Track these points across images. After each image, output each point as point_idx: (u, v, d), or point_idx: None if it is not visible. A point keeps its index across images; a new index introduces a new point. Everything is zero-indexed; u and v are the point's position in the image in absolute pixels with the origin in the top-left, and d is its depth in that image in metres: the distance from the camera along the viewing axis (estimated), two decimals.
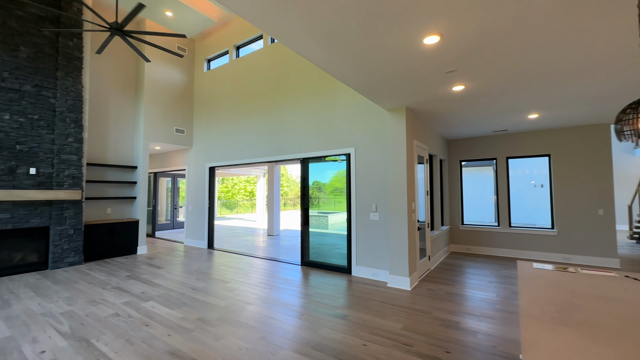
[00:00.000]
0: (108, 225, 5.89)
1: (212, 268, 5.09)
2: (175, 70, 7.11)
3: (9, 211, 4.63)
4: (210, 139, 7.06)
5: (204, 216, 7.05)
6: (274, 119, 5.84)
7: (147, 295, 3.69)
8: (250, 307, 3.32)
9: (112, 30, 3.87)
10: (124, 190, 6.50)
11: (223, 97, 6.83)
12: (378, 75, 2.98)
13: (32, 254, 4.94)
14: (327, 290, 3.92)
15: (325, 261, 5.09)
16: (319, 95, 5.19)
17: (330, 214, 5.74)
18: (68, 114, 5.22)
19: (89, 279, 4.44)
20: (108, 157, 6.26)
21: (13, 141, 4.68)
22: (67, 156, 5.19)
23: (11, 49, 4.70)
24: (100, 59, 6.13)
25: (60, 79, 5.16)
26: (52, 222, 5.04)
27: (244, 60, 6.50)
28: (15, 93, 4.71)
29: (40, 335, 2.66)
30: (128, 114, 6.57)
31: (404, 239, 3.97)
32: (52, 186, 5.03)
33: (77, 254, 5.29)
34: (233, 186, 25.21)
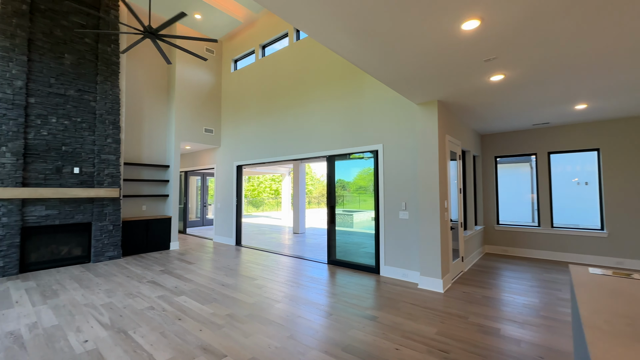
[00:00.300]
0: (143, 222, 6.18)
1: (240, 265, 5.17)
2: (203, 71, 7.31)
3: (56, 208, 4.98)
4: (237, 138, 7.19)
5: (231, 214, 7.20)
6: (299, 117, 5.82)
7: (180, 290, 3.80)
8: (278, 305, 3.31)
9: (146, 34, 4.02)
10: (158, 189, 6.79)
11: (249, 97, 6.93)
12: (409, 67, 2.84)
13: (77, 248, 5.29)
14: (355, 290, 3.83)
15: (352, 260, 5.00)
16: (344, 91, 5.10)
17: (355, 213, 5.64)
18: (107, 116, 5.52)
19: (126, 272, 4.67)
20: (143, 156, 6.56)
21: (59, 143, 5.02)
22: (106, 156, 5.50)
23: (57, 56, 5.04)
24: (134, 63, 6.43)
25: (99, 83, 5.46)
26: (94, 218, 5.36)
27: (269, 59, 6.54)
28: (60, 98, 5.05)
29: (83, 325, 2.82)
30: (160, 115, 6.85)
31: (436, 239, 3.79)
32: (93, 184, 5.35)
33: (116, 248, 5.60)
34: (259, 184, 25.73)
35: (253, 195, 24.82)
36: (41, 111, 4.84)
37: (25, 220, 4.68)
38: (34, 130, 4.77)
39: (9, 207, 4.51)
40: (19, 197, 4.50)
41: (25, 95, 4.68)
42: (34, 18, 4.84)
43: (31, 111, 4.76)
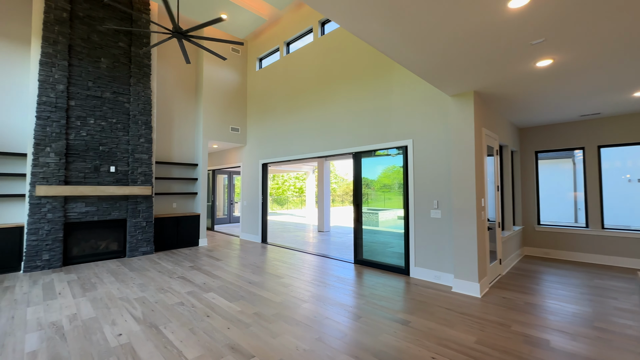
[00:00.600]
0: (174, 219, 6.37)
1: (266, 262, 5.17)
2: (229, 71, 7.41)
3: (94, 205, 5.24)
4: (262, 136, 7.23)
5: (257, 211, 7.26)
6: (324, 113, 5.72)
7: (208, 287, 3.85)
8: (305, 305, 3.24)
9: (174, 34, 4.09)
10: (187, 186, 6.98)
11: (274, 95, 6.92)
12: (446, 55, 2.64)
13: (114, 243, 5.54)
14: (384, 291, 3.67)
15: (380, 260, 4.83)
16: (371, 85, 4.92)
17: (381, 211, 5.47)
18: (140, 117, 5.74)
19: (158, 267, 4.82)
20: (173, 155, 6.77)
21: (97, 143, 5.27)
22: (139, 155, 5.71)
23: (94, 60, 5.29)
24: (165, 65, 6.64)
25: (133, 85, 5.68)
26: (129, 215, 5.59)
27: (293, 56, 6.48)
28: (97, 100, 5.30)
29: (118, 318, 2.90)
30: (189, 115, 7.03)
31: (472, 240, 3.54)
32: (127, 182, 5.58)
33: (148, 244, 5.82)
34: (283, 183, 26.02)
35: (277, 193, 25.15)
36: (80, 113, 5.11)
37: (67, 216, 4.97)
38: (74, 132, 5.04)
39: (54, 204, 4.80)
40: (62, 194, 4.78)
41: (66, 99, 4.95)
42: (74, 25, 5.10)
43: (72, 113, 5.03)
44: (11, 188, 4.78)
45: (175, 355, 2.25)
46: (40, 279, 4.21)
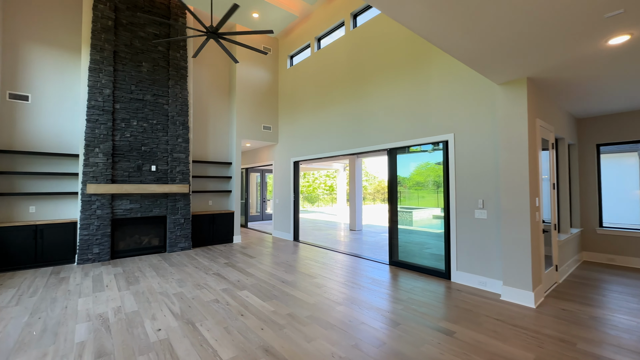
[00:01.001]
0: (209, 216, 6.56)
1: (299, 261, 5.12)
2: (261, 70, 7.47)
3: (138, 202, 5.53)
4: (294, 134, 7.20)
5: (289, 209, 7.26)
6: (356, 109, 5.53)
7: (242, 284, 3.86)
8: (340, 308, 3.11)
9: (208, 34, 4.14)
10: (221, 185, 7.16)
11: (305, 92, 6.85)
12: (499, 36, 2.35)
13: (155, 239, 5.82)
14: (424, 296, 3.44)
15: (417, 262, 4.57)
16: (407, 78, 4.65)
17: (415, 210, 5.19)
18: (177, 118, 5.95)
19: (195, 263, 4.97)
20: (208, 154, 6.97)
21: (139, 143, 5.55)
22: (177, 154, 5.93)
23: (136, 65, 5.56)
24: (199, 66, 6.83)
25: (171, 87, 5.90)
26: (168, 212, 5.84)
27: (325, 51, 6.36)
28: (139, 102, 5.57)
29: (157, 312, 2.99)
30: (223, 114, 7.20)
31: (525, 243, 3.18)
32: (167, 181, 5.83)
33: (186, 240, 6.04)
34: (314, 180, 26.11)
35: (308, 191, 25.29)
36: (124, 115, 5.40)
37: (114, 212, 5.28)
38: (119, 133, 5.34)
39: (102, 201, 5.13)
40: (109, 192, 5.09)
41: (112, 102, 5.26)
42: (118, 32, 5.39)
43: (117, 116, 5.33)
44: (66, 186, 5.19)
45: (211, 354, 2.24)
46: (90, 271, 4.51)
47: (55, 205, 5.11)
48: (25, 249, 4.61)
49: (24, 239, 4.60)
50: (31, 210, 4.93)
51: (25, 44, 4.91)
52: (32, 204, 4.94)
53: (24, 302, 3.28)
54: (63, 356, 2.21)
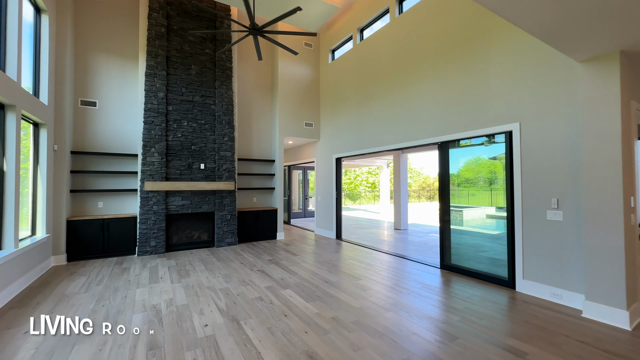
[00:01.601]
0: (254, 213, 6.70)
1: (342, 260, 4.97)
2: (303, 66, 7.41)
3: (188, 198, 5.82)
4: (336, 130, 7.04)
5: (331, 207, 7.14)
6: (401, 102, 5.18)
7: (285, 283, 3.82)
8: (388, 315, 2.88)
9: (251, 31, 4.15)
10: (265, 182, 7.28)
11: (347, 86, 6.64)
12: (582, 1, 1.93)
13: (204, 233, 6.10)
14: (484, 307, 3.06)
15: (473, 267, 4.13)
16: (460, 64, 4.20)
17: (465, 209, 4.71)
18: (223, 117, 6.14)
19: (240, 259, 5.08)
20: (253, 152, 7.12)
21: (189, 143, 5.83)
22: (224, 153, 6.13)
23: (186, 68, 5.84)
24: (244, 65, 6.98)
25: (217, 87, 6.10)
26: (216, 208, 6.07)
27: (367, 42, 6.07)
28: (189, 104, 5.85)
29: (205, 307, 3.05)
30: (266, 112, 7.29)
31: (617, 252, 2.64)
32: (214, 178, 6.05)
33: (233, 235, 6.23)
34: (355, 178, 25.75)
35: (350, 188, 25.01)
36: (176, 117, 5.71)
37: (168, 208, 5.62)
38: (172, 133, 5.66)
39: (158, 197, 5.49)
40: (164, 189, 5.42)
41: (165, 104, 5.58)
42: (170, 38, 5.70)
43: (170, 117, 5.65)
44: (128, 184, 5.64)
45: (254, 356, 2.18)
46: (148, 262, 4.84)
47: (119, 201, 5.59)
48: (95, 240, 5.10)
49: (94, 231, 5.09)
50: (100, 206, 5.44)
51: (92, 55, 5.41)
52: (100, 199, 5.45)
53: (92, 289, 3.59)
54: (120, 345, 2.32)
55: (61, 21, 4.81)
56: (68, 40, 4.91)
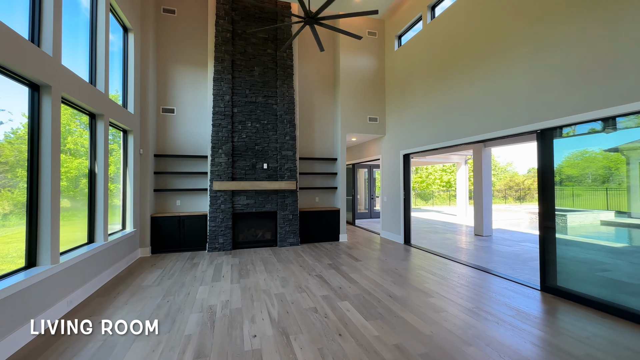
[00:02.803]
0: (316, 213, 6.51)
1: (410, 271, 4.36)
2: (366, 57, 6.93)
3: (252, 198, 5.94)
4: (403, 123, 6.36)
5: (399, 208, 6.49)
6: (484, 83, 4.28)
7: (344, 293, 3.46)
8: (469, 350, 2.27)
9: (305, 20, 3.90)
10: (327, 181, 7.04)
11: (416, 73, 5.91)
12: None
13: (267, 233, 6.16)
14: (620, 359, 2.17)
15: (590, 293, 3.10)
16: (573, 27, 3.19)
17: (570, 213, 3.60)
18: (285, 116, 6.10)
19: (300, 261, 4.91)
20: (314, 151, 6.95)
21: (253, 143, 5.94)
22: (285, 152, 6.08)
23: (249, 70, 5.96)
24: (305, 62, 6.85)
25: (279, 87, 6.08)
26: (278, 208, 6.06)
27: (440, 20, 5.26)
28: (252, 105, 5.95)
29: (257, 314, 2.89)
30: (328, 109, 7.04)
31: None
32: (277, 178, 6.05)
33: (295, 236, 6.15)
34: (427, 176, 23.85)
35: (421, 187, 23.26)
36: (241, 118, 5.86)
37: (234, 207, 5.82)
38: (237, 135, 5.84)
39: (224, 196, 5.72)
40: (230, 188, 5.62)
41: (231, 107, 5.78)
42: (234, 42, 5.89)
43: (235, 119, 5.83)
44: (200, 183, 6.03)
45: None
46: (215, 259, 5.04)
47: (193, 199, 6.02)
48: (173, 235, 5.57)
49: (172, 227, 5.56)
50: (177, 203, 5.94)
51: (171, 65, 5.93)
52: (178, 198, 5.95)
53: (163, 283, 3.82)
54: (171, 348, 2.29)
55: (145, 37, 5.35)
56: (150, 55, 5.44)
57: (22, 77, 2.54)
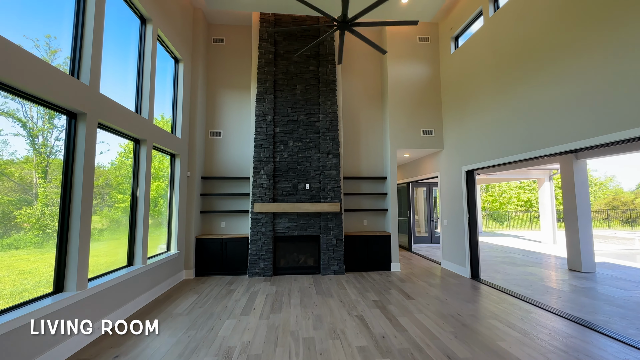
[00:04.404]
0: (363, 238, 5.87)
1: (478, 319, 3.42)
2: (417, 65, 6.27)
3: (294, 220, 5.61)
4: (464, 135, 5.46)
5: (462, 233, 5.46)
6: (572, 78, 3.30)
7: (387, 346, 2.76)
8: None
9: (339, 25, 3.54)
10: (376, 202, 6.37)
11: (478, 75, 5.05)
12: None
13: (310, 258, 5.72)
14: None
15: None
16: None
17: None
18: (328, 133, 5.75)
19: (342, 294, 4.31)
20: (361, 169, 6.40)
21: (295, 163, 5.69)
22: (328, 171, 5.68)
23: (291, 89, 5.83)
24: (349, 75, 6.50)
25: (321, 104, 5.80)
26: (321, 232, 5.61)
27: (507, 9, 4.42)
28: (294, 124, 5.76)
29: None
30: (376, 124, 6.50)
31: None
32: (319, 199, 5.64)
33: (339, 263, 5.58)
34: (500, 194, 20.93)
35: (493, 207, 20.46)
36: (282, 137, 5.70)
37: (275, 230, 5.56)
38: (279, 155, 5.66)
39: (266, 219, 5.51)
40: (270, 210, 5.38)
41: (272, 127, 5.67)
42: (277, 62, 5.85)
43: (277, 139, 5.69)
44: (243, 205, 5.96)
45: None
46: (252, 286, 4.76)
47: (237, 221, 5.96)
48: (216, 257, 5.51)
49: (216, 249, 5.52)
50: (222, 225, 5.93)
51: (219, 90, 6.14)
52: (223, 219, 5.95)
53: (193, 312, 3.62)
54: None
55: (195, 66, 5.64)
56: (200, 81, 5.70)
57: (59, 106, 2.64)
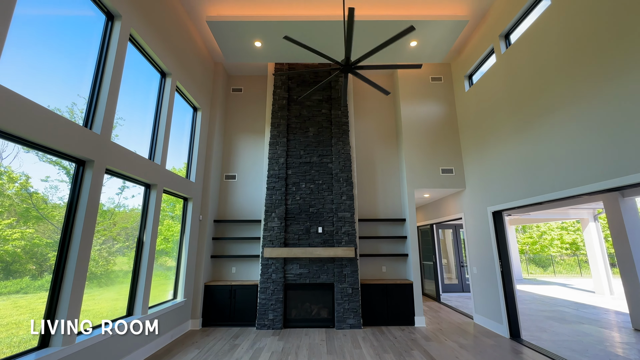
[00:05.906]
0: (382, 287, 5.35)
1: None
2: (431, 104, 6.19)
3: (306, 267, 5.27)
4: (487, 173, 5.09)
5: (495, 282, 4.81)
6: (610, 103, 3.00)
7: None
8: None
9: (342, 68, 3.56)
10: (395, 247, 5.92)
11: (495, 112, 4.83)
12: None
13: (324, 309, 5.24)
14: None
15: None
16: None
17: None
18: (341, 174, 5.61)
19: (356, 355, 3.79)
20: (378, 211, 6.08)
21: (307, 205, 5.51)
22: (342, 214, 5.42)
23: (304, 132, 5.88)
24: (362, 117, 6.51)
25: (334, 145, 5.77)
26: (335, 279, 5.19)
27: (518, 46, 4.32)
28: (307, 165, 5.70)
29: None
30: (391, 164, 6.29)
31: None
32: (332, 243, 5.33)
33: (355, 315, 5.04)
34: (540, 235, 19.11)
35: (533, 250, 18.60)
36: (295, 180, 5.62)
37: (286, 277, 5.23)
38: (291, 197, 5.54)
39: (276, 264, 5.23)
40: (281, 255, 5.13)
41: (285, 169, 5.64)
42: (290, 107, 6.02)
43: (289, 181, 5.62)
44: (254, 249, 5.75)
45: None
46: (259, 341, 4.35)
47: (248, 266, 5.72)
48: (224, 307, 5.21)
49: (224, 297, 5.24)
50: (233, 271, 5.71)
51: (235, 136, 6.35)
52: (234, 264, 5.74)
53: None
54: None
55: (213, 114, 5.93)
56: (217, 128, 5.94)
57: (68, 154, 2.74)
